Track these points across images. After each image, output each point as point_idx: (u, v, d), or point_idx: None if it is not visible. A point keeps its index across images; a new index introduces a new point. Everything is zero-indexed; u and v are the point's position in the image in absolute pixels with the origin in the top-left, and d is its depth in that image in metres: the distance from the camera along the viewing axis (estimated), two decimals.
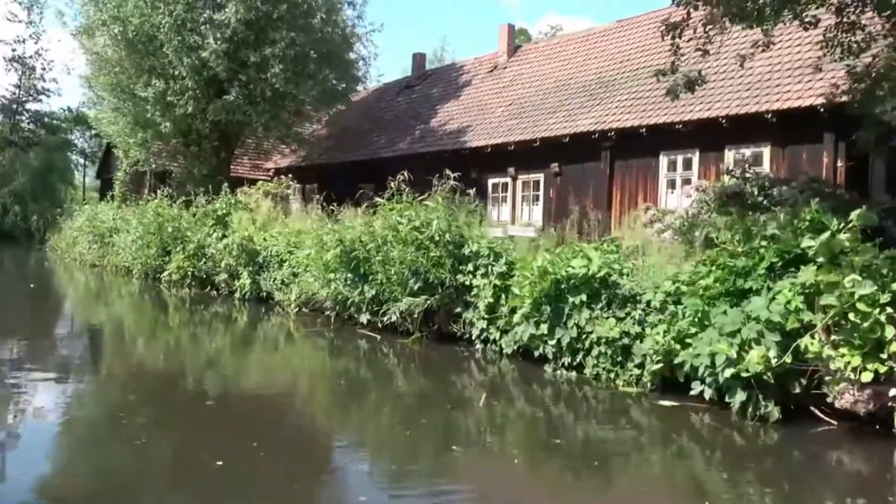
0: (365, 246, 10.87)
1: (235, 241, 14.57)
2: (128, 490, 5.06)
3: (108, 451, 6.01)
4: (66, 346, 11.32)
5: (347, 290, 11.14)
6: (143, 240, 19.06)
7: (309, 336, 11.76)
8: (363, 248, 10.84)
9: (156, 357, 10.52)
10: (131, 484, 5.20)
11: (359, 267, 10.99)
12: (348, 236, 11.03)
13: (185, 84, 22.07)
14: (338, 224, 12.56)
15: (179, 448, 6.13)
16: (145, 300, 16.89)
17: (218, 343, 11.58)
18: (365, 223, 11.20)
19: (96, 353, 10.90)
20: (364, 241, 10.93)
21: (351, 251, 10.96)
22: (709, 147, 19.64)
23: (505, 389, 8.53)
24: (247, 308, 14.79)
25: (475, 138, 26.07)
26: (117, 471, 5.48)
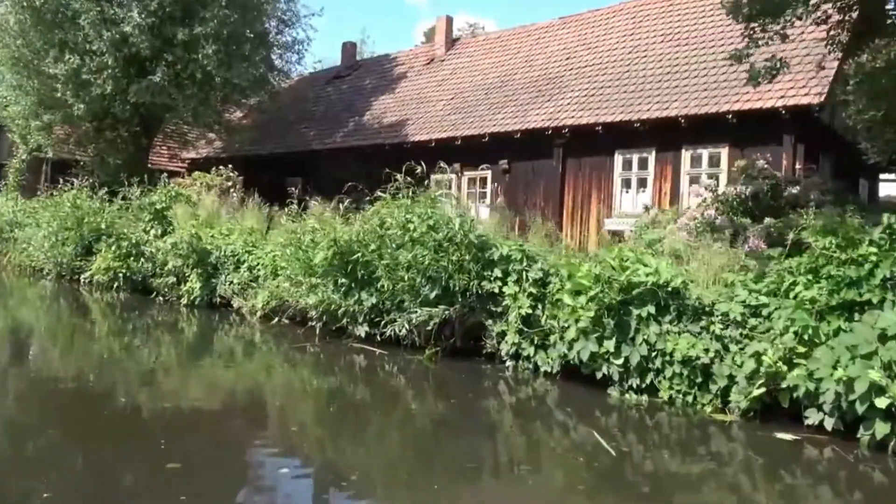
0: (366, 247, 9.28)
1: (185, 238, 12.51)
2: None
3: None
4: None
5: (338, 297, 9.50)
6: (57, 236, 16.44)
7: (286, 349, 10.01)
8: (363, 250, 9.24)
9: (77, 371, 8.58)
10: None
11: (355, 271, 9.38)
12: (344, 236, 9.38)
13: (104, 61, 19.43)
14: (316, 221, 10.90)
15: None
16: (62, 305, 14.44)
17: (163, 356, 9.64)
18: (364, 220, 9.58)
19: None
20: (363, 241, 9.33)
21: (347, 253, 9.33)
22: (665, 147, 19.15)
23: (558, 416, 7.23)
24: (196, 316, 12.76)
25: (417, 132, 24.69)
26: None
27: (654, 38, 22.29)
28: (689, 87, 19.29)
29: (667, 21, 22.76)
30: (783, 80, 17.56)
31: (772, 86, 17.47)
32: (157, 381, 8.26)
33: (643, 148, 19.57)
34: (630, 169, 19.94)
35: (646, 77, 20.69)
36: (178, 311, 13.06)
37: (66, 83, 19.73)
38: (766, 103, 17.10)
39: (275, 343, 10.47)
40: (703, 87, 18.97)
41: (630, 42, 22.85)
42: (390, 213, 9.33)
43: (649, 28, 22.88)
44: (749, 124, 17.36)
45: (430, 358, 8.80)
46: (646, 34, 22.72)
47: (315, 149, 27.73)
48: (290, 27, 23.06)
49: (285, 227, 12.27)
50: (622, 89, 20.74)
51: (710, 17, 21.83)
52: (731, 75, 18.72)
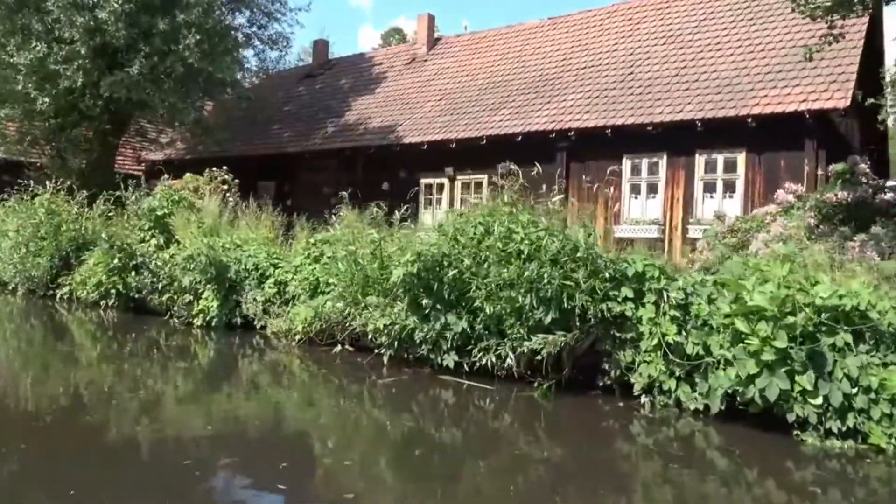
0: (458, 262, 7.78)
1: (202, 250, 10.69)
2: None
3: None
4: None
5: (417, 320, 7.99)
6: (28, 246, 14.21)
7: (349, 382, 8.41)
8: (457, 265, 7.75)
9: (80, 402, 6.87)
10: None
11: (441, 290, 7.89)
12: (431, 249, 7.86)
13: (75, 50, 17.19)
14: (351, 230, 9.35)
15: None
16: (41, 328, 12.32)
17: (192, 393, 7.91)
18: (455, 230, 8.07)
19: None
20: (454, 255, 7.84)
21: (431, 268, 7.82)
22: (677, 151, 18.31)
23: (730, 468, 5.93)
24: (214, 339, 10.94)
25: (407, 134, 23.22)
26: None
27: (655, 40, 21.49)
28: (700, 90, 18.49)
29: (665, 23, 22.01)
30: (802, 83, 16.97)
31: (792, 89, 16.85)
32: (187, 427, 6.61)
33: (653, 152, 18.69)
34: (639, 174, 19.02)
35: (651, 79, 19.81)
36: (191, 334, 11.21)
37: (30, 74, 17.39)
38: (789, 107, 16.41)
39: (332, 374, 8.84)
40: (717, 90, 18.19)
41: (629, 44, 22.00)
42: (489, 221, 7.86)
43: (648, 30, 22.09)
44: (768, 128, 16.66)
45: (545, 393, 7.39)
46: (645, 36, 21.91)
47: (290, 151, 25.91)
48: (276, 21, 21.19)
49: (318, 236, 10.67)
50: (627, 91, 19.80)
51: (710, 19, 21.18)
52: (744, 78, 18.04)
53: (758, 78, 17.95)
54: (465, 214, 8.49)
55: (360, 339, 9.26)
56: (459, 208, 22.43)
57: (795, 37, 18.72)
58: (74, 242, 13.97)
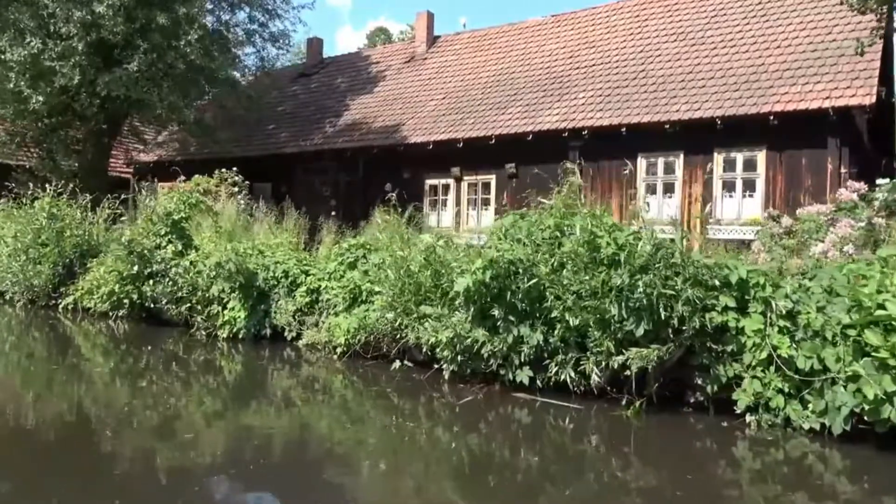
0: (532, 268, 7.09)
1: (230, 257, 9.88)
2: None
3: None
4: None
5: (485, 332, 7.29)
6: (28, 253, 13.22)
7: (409, 401, 7.68)
8: (534, 272, 7.06)
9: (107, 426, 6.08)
10: None
11: (513, 300, 7.21)
12: (504, 255, 7.16)
13: (71, 46, 16.19)
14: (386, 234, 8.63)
15: None
16: (47, 340, 11.38)
17: (235, 416, 7.12)
18: (526, 235, 7.37)
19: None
20: (527, 260, 7.15)
21: (503, 276, 7.12)
22: (694, 149, 17.83)
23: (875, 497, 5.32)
24: (241, 351, 10.13)
25: (412, 134, 22.49)
26: None
27: (665, 38, 21.02)
28: (718, 87, 18.03)
29: (674, 21, 21.57)
30: (824, 80, 16.58)
31: (813, 86, 16.45)
32: (239, 458, 5.85)
33: (670, 151, 18.20)
34: (655, 173, 18.51)
35: (665, 76, 19.32)
36: (216, 347, 10.37)
37: (22, 72, 16.35)
38: (812, 104, 16.00)
39: (387, 392, 8.09)
40: (734, 88, 17.74)
41: (638, 41, 21.50)
42: (566, 224, 7.19)
43: (656, 27, 21.62)
44: (789, 126, 16.25)
45: (637, 412, 6.74)
46: (654, 33, 21.43)
47: (288, 152, 25.04)
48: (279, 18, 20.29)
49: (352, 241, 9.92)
50: (641, 89, 19.30)
51: (721, 17, 20.76)
52: (761, 75, 17.63)
53: (776, 75, 17.54)
54: (527, 217, 7.80)
55: (408, 352, 8.53)
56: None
57: (812, 33, 18.35)
58: (78, 249, 13.02)
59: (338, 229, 11.71)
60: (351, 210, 21.99)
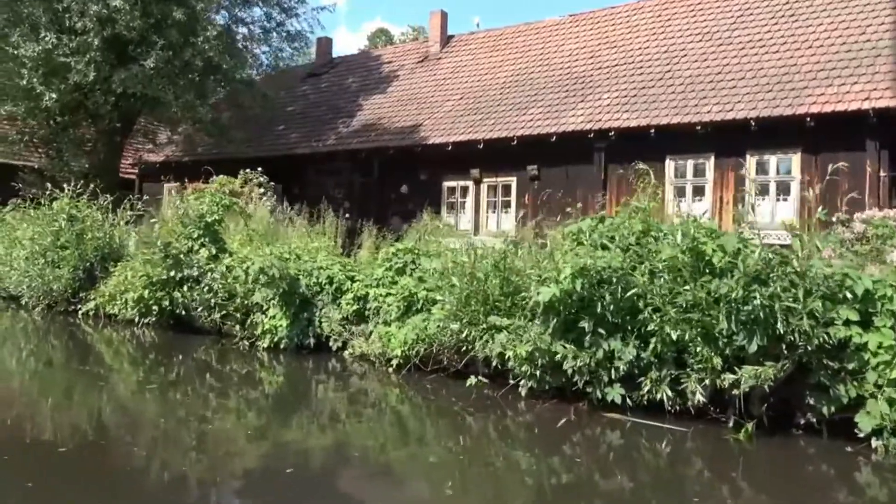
0: (627, 276, 6.48)
1: (273, 262, 9.21)
2: None
3: None
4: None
5: (570, 347, 6.67)
6: (46, 256, 12.48)
7: (488, 420, 7.03)
8: (632, 282, 6.45)
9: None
10: None
11: (604, 312, 6.60)
12: (598, 262, 6.54)
13: (87, 41, 15.45)
14: None
15: None
16: (69, 348, 10.64)
17: (307, 439, 6.42)
18: (609, 241, 6.75)
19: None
20: (620, 269, 6.54)
21: (595, 285, 6.51)
22: (726, 152, 17.29)
23: None
24: (283, 362, 9.45)
25: (429, 135, 21.87)
26: None
27: (690, 37, 20.49)
28: (749, 88, 17.49)
29: (698, 20, 21.05)
30: (861, 80, 16.10)
31: (850, 87, 15.97)
32: (290, 483, 5.19)
33: (699, 153, 17.66)
34: (684, 176, 17.97)
35: (693, 77, 18.78)
36: (255, 357, 9.69)
37: (35, 68, 15.58)
38: (850, 105, 15.50)
39: (458, 409, 7.43)
40: (767, 88, 17.21)
41: (661, 41, 20.96)
42: (664, 230, 6.58)
43: (680, 27, 21.09)
44: (825, 128, 15.74)
45: (748, 435, 6.14)
46: (678, 33, 20.90)
47: (299, 153, 24.35)
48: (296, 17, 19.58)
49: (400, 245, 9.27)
50: (668, 90, 18.74)
51: (748, 16, 20.24)
52: (794, 76, 17.13)
53: (810, 76, 17.03)
54: (609, 221, 7.20)
55: (472, 366, 7.89)
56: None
57: (844, 33, 17.87)
58: (99, 252, 12.30)
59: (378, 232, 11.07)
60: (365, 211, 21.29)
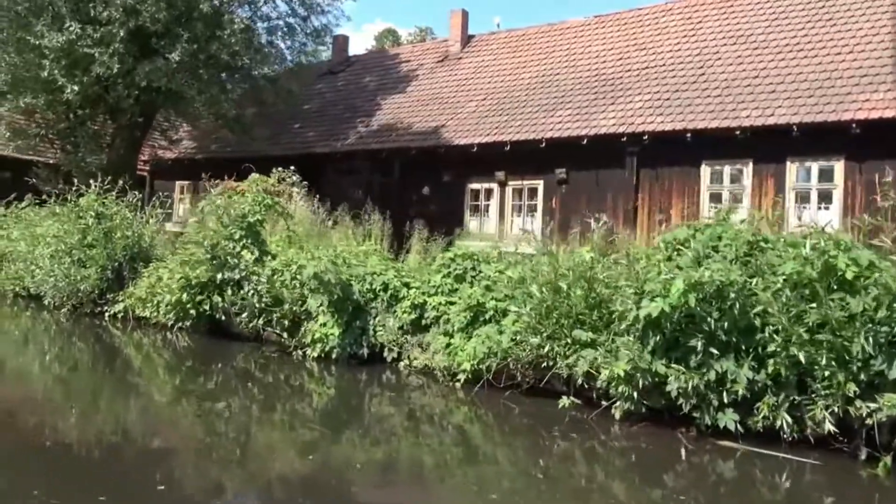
0: (744, 291, 5.86)
1: (328, 267, 8.55)
2: None
3: None
4: None
5: (675, 367, 6.06)
6: (72, 255, 11.77)
7: (581, 445, 6.40)
8: (752, 297, 5.84)
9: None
10: None
11: (717, 330, 5.99)
12: (714, 276, 5.92)
13: (112, 32, 14.75)
14: None
15: None
16: (99, 353, 9.92)
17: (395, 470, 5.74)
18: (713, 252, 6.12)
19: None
20: (738, 284, 5.91)
21: (708, 301, 5.89)
22: (765, 158, 16.73)
23: None
24: (334, 373, 8.78)
25: (453, 135, 21.24)
26: None
27: (722, 40, 19.93)
28: (790, 93, 16.95)
29: (731, 23, 20.50)
30: None
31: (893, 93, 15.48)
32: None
33: (737, 159, 17.09)
34: (720, 182, 17.40)
35: (728, 80, 18.22)
36: (304, 367, 9.02)
37: (57, 59, 14.86)
38: None
39: (540, 430, 6.80)
40: (808, 93, 16.67)
41: (693, 43, 20.40)
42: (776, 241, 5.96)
43: (712, 29, 20.54)
44: (870, 135, 15.21)
45: (888, 471, 5.55)
46: (710, 36, 20.34)
47: (318, 152, 23.67)
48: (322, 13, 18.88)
49: (459, 251, 8.64)
50: (704, 93, 18.18)
51: (783, 20, 19.71)
52: (836, 81, 16.59)
53: (853, 81, 16.49)
54: (710, 231, 6.59)
55: (545, 383, 7.24)
56: None
57: (886, 38, 17.34)
58: (128, 251, 11.60)
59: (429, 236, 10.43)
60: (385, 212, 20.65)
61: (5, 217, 16.19)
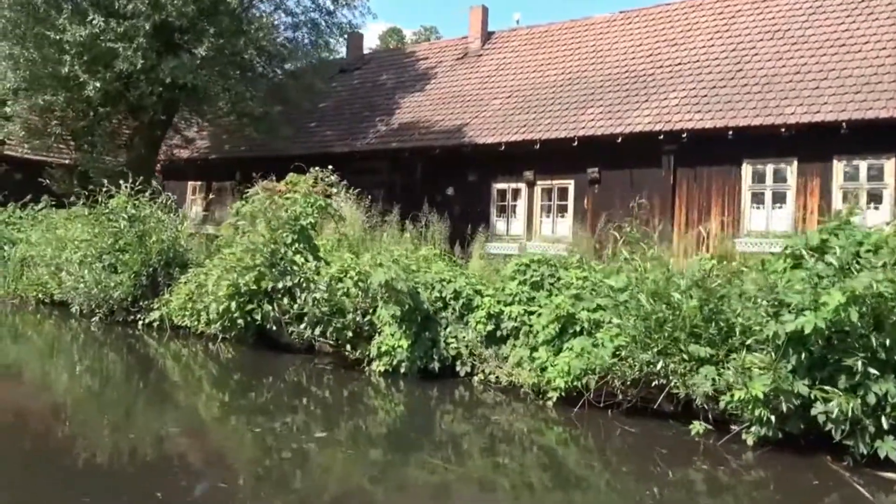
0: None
1: (399, 274, 7.79)
2: None
3: None
4: None
5: (821, 388, 5.34)
6: (103, 259, 10.95)
7: (693, 472, 5.65)
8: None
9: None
10: None
11: (877, 346, 5.27)
12: (884, 287, 5.18)
13: (137, 26, 13.92)
14: None
15: None
16: (136, 365, 9.11)
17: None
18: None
19: None
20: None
21: (868, 315, 5.18)
22: (810, 156, 16.09)
23: None
24: (403, 390, 8.01)
25: (479, 134, 20.53)
26: None
27: (758, 36, 19.27)
28: (835, 89, 16.32)
29: (766, 18, 19.84)
30: None
31: None
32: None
33: (780, 157, 16.44)
34: (763, 181, 16.75)
35: (769, 77, 17.55)
36: (369, 382, 8.26)
37: (79, 54, 14.01)
38: None
39: (659, 457, 6.06)
40: (855, 90, 16.05)
41: (727, 39, 19.74)
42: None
43: (746, 24, 19.89)
44: None
45: None
46: (744, 31, 19.69)
47: (337, 151, 22.87)
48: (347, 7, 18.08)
49: (533, 255, 7.90)
50: (743, 90, 17.52)
51: (820, 14, 19.07)
52: (883, 77, 15.97)
53: None
54: (852, 233, 5.87)
55: (657, 404, 6.52)
56: None
57: None
58: (163, 256, 10.79)
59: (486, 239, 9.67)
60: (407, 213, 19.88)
61: (21, 219, 15.33)
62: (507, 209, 20.53)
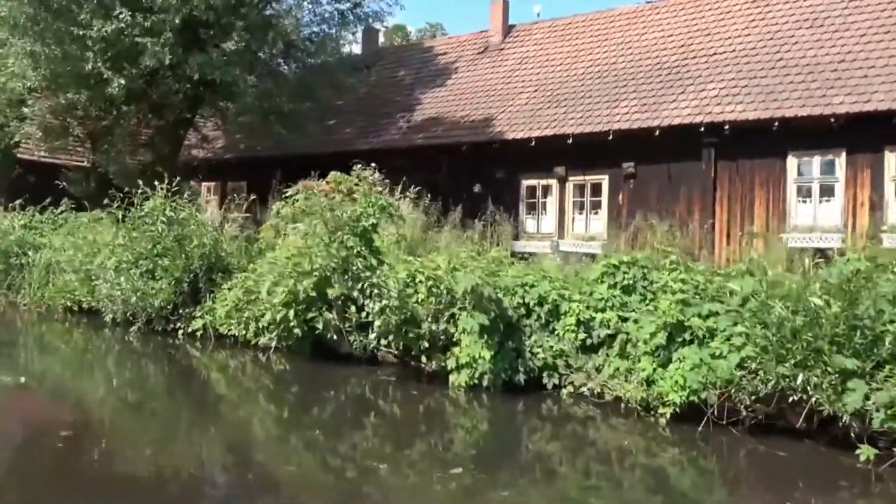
0: None
1: (484, 280, 7.02)
2: None
3: None
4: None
5: None
6: (139, 265, 10.17)
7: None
8: None
9: None
10: None
11: None
12: None
13: (165, 21, 13.12)
14: None
15: None
16: (185, 379, 8.35)
17: None
18: None
19: None
20: None
21: None
22: (859, 148, 15.41)
23: None
24: (487, 405, 7.27)
25: (507, 129, 19.81)
26: None
27: (796, 24, 18.54)
28: (884, 78, 15.62)
29: (802, 6, 19.11)
30: None
31: None
32: None
33: (827, 149, 15.76)
34: (809, 174, 16.07)
35: (811, 66, 16.85)
36: (447, 397, 7.51)
37: (103, 50, 13.19)
38: None
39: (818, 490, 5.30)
40: None
41: (763, 28, 19.00)
42: None
43: (783, 13, 19.15)
44: None
45: None
46: (781, 19, 18.95)
47: (360, 149, 22.04)
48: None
49: (622, 257, 7.17)
50: (786, 79, 16.81)
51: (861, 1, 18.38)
52: None
53: None
54: None
55: (776, 417, 5.78)
56: None
57: None
58: (205, 261, 10.03)
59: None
60: None
61: (42, 224, 14.53)
62: (536, 206, 19.82)
